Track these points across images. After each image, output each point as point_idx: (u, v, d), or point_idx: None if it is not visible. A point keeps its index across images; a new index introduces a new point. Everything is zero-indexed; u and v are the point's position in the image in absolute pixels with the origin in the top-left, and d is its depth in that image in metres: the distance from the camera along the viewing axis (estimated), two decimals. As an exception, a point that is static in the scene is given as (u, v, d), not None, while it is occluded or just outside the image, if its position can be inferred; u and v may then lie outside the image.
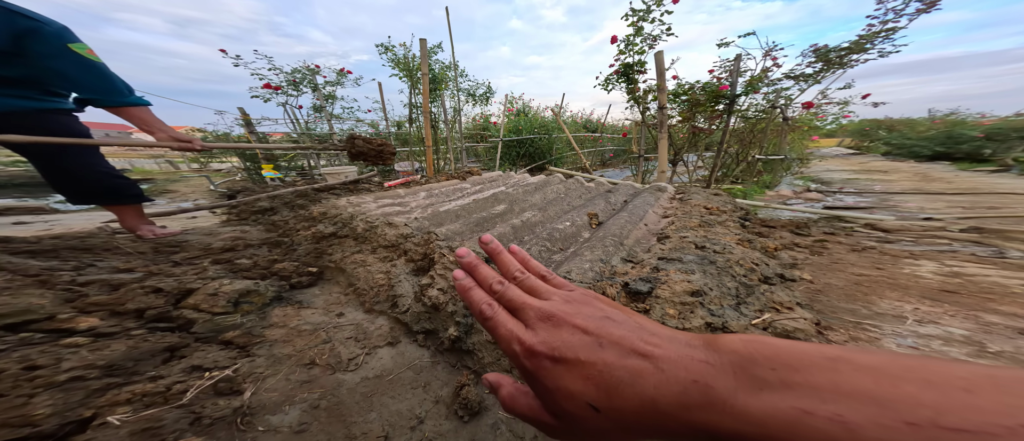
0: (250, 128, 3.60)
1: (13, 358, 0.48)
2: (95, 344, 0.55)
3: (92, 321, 0.60)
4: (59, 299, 0.63)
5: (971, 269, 0.92)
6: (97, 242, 1.10)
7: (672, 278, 0.62)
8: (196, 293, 0.73)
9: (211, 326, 0.69)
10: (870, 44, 2.42)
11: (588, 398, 0.17)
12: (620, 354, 0.17)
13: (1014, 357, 0.54)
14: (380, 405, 0.54)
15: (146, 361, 0.56)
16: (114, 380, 0.51)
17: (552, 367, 0.18)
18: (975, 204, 2.14)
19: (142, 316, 0.66)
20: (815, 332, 0.59)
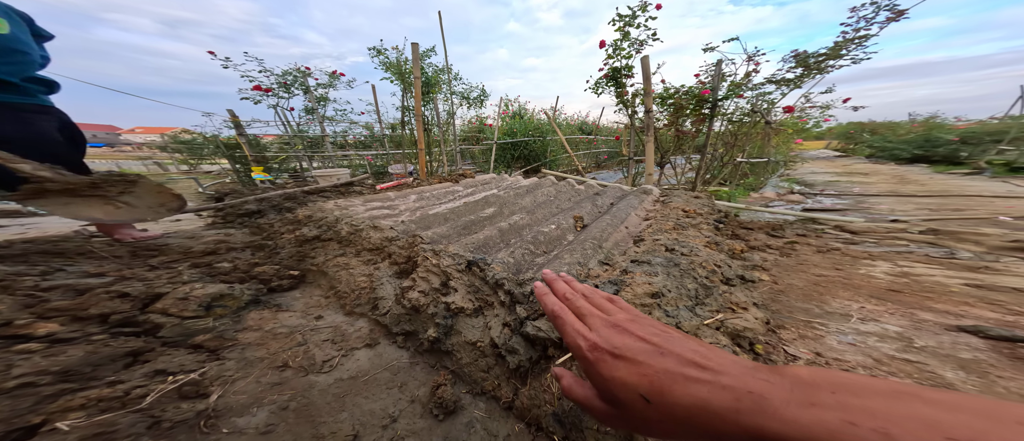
0: (240, 130, 3.57)
1: None
2: (50, 350, 0.54)
3: (51, 327, 0.58)
4: (17, 305, 0.62)
5: (920, 269, 0.99)
6: (71, 246, 1.06)
7: (636, 280, 0.67)
8: (165, 297, 0.72)
9: (180, 330, 0.68)
10: (845, 51, 2.53)
11: (641, 391, 0.21)
12: (678, 363, 0.21)
13: (935, 352, 0.60)
14: (352, 405, 0.55)
15: (105, 366, 0.55)
16: (68, 386, 0.50)
17: (612, 361, 0.22)
18: (942, 206, 2.25)
19: (106, 321, 0.65)
20: (764, 331, 0.65)
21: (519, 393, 0.62)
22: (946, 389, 0.17)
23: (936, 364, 0.57)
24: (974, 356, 0.58)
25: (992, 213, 1.82)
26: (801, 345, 0.66)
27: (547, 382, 0.59)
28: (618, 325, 0.25)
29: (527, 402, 0.59)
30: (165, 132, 7.21)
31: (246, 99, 3.77)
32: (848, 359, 0.61)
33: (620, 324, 0.25)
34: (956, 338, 0.63)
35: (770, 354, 0.62)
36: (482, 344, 0.69)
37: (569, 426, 0.55)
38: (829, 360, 0.61)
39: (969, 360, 0.57)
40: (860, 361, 0.60)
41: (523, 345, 0.63)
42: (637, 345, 0.23)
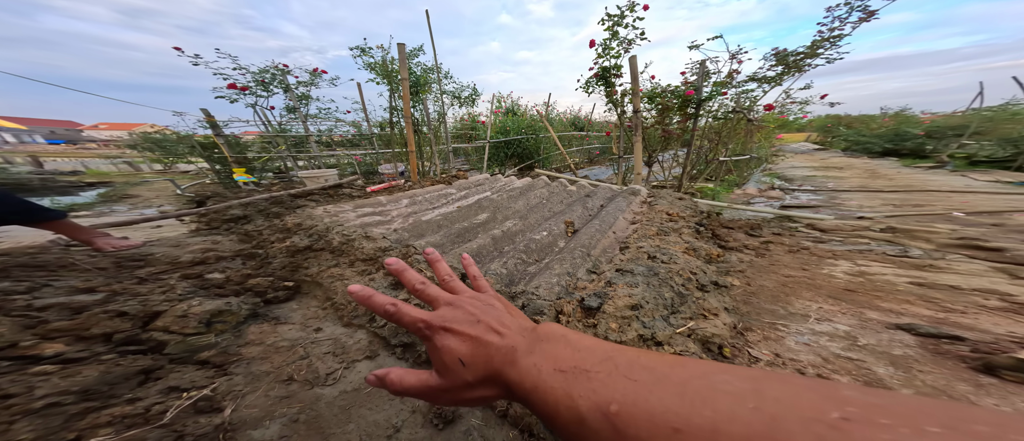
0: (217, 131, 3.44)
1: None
2: (66, 370, 0.56)
3: (57, 347, 0.60)
4: (18, 326, 0.63)
5: (875, 268, 1.09)
6: (50, 259, 1.03)
7: (618, 293, 0.73)
8: (164, 315, 0.73)
9: (184, 347, 0.70)
10: (821, 49, 2.64)
11: (459, 354, 0.25)
12: (485, 330, 0.26)
13: (874, 349, 0.69)
14: (358, 416, 0.58)
15: (121, 384, 0.57)
16: (91, 404, 0.52)
17: (444, 334, 0.26)
18: (905, 202, 2.42)
19: (110, 340, 0.66)
20: (731, 336, 0.72)
21: (513, 403, 0.67)
22: (629, 348, 0.22)
23: (872, 361, 0.65)
24: (904, 352, 0.66)
25: (947, 209, 1.97)
26: (764, 347, 0.73)
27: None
28: (454, 303, 0.29)
29: (520, 411, 0.65)
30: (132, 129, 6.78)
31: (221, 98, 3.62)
32: (801, 359, 0.69)
33: (457, 302, 0.29)
34: (892, 336, 0.72)
35: (736, 357, 0.69)
36: (477, 354, 0.73)
37: None
38: (786, 361, 0.68)
39: (899, 356, 0.66)
40: (811, 360, 0.68)
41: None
42: (464, 317, 0.27)
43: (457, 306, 0.28)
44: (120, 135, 33.89)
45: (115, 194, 3.51)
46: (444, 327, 0.26)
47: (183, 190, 3.56)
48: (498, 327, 0.26)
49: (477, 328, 0.26)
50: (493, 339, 0.25)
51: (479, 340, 0.25)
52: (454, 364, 0.25)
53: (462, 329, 0.26)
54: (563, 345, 0.23)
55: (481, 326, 0.26)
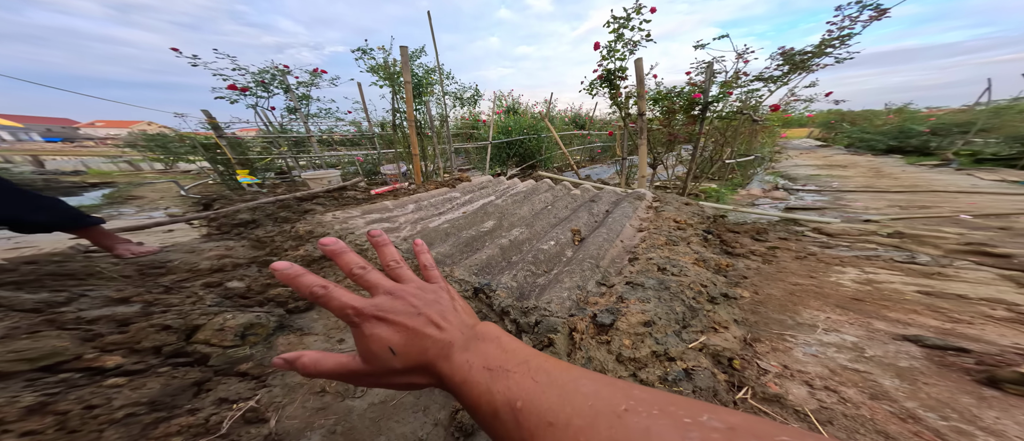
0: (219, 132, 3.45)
1: (70, 399, 0.53)
2: (133, 382, 0.60)
3: (116, 359, 0.65)
4: (77, 339, 0.67)
5: (882, 275, 1.10)
6: (77, 267, 1.07)
7: (630, 309, 0.74)
8: (203, 329, 0.78)
9: (225, 359, 0.74)
10: (829, 49, 2.62)
11: (391, 343, 0.26)
12: (425, 323, 0.26)
13: (880, 361, 0.70)
14: (387, 429, 0.62)
15: (180, 396, 0.62)
16: (160, 415, 0.57)
17: (375, 322, 0.26)
18: (911, 203, 2.41)
19: (160, 352, 0.71)
20: (741, 348, 0.73)
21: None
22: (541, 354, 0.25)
23: (878, 373, 0.67)
24: (910, 364, 0.68)
25: (954, 211, 1.97)
26: (772, 358, 0.75)
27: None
28: (395, 293, 0.28)
29: None
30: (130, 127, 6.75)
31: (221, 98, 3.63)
32: (809, 370, 0.70)
33: (398, 292, 0.28)
34: (899, 347, 0.73)
35: (745, 369, 0.71)
36: (493, 367, 0.75)
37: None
38: (794, 372, 0.70)
39: (905, 368, 0.67)
40: (818, 372, 0.69)
41: (531, 369, 0.70)
42: (403, 308, 0.27)
43: (398, 296, 0.28)
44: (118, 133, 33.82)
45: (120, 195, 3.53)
46: (376, 316, 0.26)
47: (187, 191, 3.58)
48: (439, 321, 0.27)
49: (416, 320, 0.26)
50: (432, 332, 0.26)
51: (416, 332, 0.26)
52: (383, 352, 0.26)
53: (398, 319, 0.26)
54: (495, 346, 0.25)
55: (421, 318, 0.27)
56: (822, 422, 0.56)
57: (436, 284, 0.32)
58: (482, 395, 0.22)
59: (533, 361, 0.24)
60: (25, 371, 0.58)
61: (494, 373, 0.23)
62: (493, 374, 0.23)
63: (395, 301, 0.28)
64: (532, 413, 0.20)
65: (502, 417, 0.21)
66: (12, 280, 0.95)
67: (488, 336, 0.27)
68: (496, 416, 0.21)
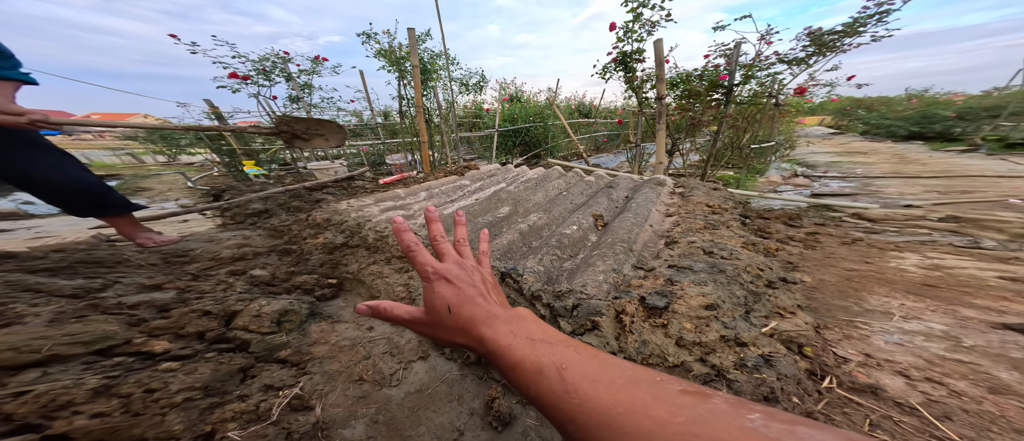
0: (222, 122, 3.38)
1: (131, 382, 0.52)
2: (186, 368, 0.59)
3: (164, 344, 0.64)
4: (124, 324, 0.66)
5: (950, 261, 1.00)
6: (104, 255, 1.08)
7: (687, 292, 0.66)
8: (241, 314, 0.77)
9: (264, 346, 0.73)
10: (863, 27, 2.45)
11: (449, 302, 0.32)
12: (477, 293, 0.33)
13: (985, 351, 0.61)
14: (426, 419, 0.59)
15: (229, 381, 0.61)
16: (213, 400, 0.56)
17: (442, 282, 0.33)
18: (949, 188, 2.28)
19: (203, 338, 0.69)
20: (814, 335, 0.65)
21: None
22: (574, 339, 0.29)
23: (989, 364, 0.58)
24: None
25: (1001, 195, 1.84)
26: (848, 346, 0.66)
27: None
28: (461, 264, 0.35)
29: None
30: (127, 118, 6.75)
31: (223, 87, 3.54)
32: (899, 360, 0.61)
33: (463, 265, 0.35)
34: (1003, 336, 0.64)
35: (819, 356, 0.63)
36: (530, 358, 0.68)
37: None
38: (880, 362, 0.61)
39: (1021, 360, 0.58)
40: (912, 363, 0.60)
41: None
42: (465, 277, 0.34)
43: (462, 267, 0.35)
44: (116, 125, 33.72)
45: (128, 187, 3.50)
46: (445, 277, 0.33)
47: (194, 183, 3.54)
48: (487, 294, 0.33)
49: (471, 289, 0.33)
50: (481, 301, 0.32)
51: (470, 298, 0.32)
52: (442, 308, 0.32)
53: (459, 284, 0.33)
54: (535, 325, 0.30)
55: (475, 289, 0.33)
56: (938, 417, 0.48)
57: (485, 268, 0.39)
58: (527, 357, 0.27)
59: (573, 342, 0.28)
60: (81, 355, 0.56)
61: (537, 343, 0.28)
62: (536, 344, 0.27)
63: (460, 270, 0.34)
64: (577, 373, 0.24)
65: (547, 374, 0.25)
66: (45, 267, 0.94)
67: (528, 317, 0.32)
68: (541, 373, 0.25)
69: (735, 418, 0.17)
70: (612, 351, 0.60)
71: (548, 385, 0.24)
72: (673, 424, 0.18)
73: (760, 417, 0.17)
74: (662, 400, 0.20)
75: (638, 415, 0.19)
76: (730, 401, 0.19)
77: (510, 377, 0.27)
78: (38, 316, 0.62)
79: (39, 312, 0.63)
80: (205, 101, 3.24)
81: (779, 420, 0.17)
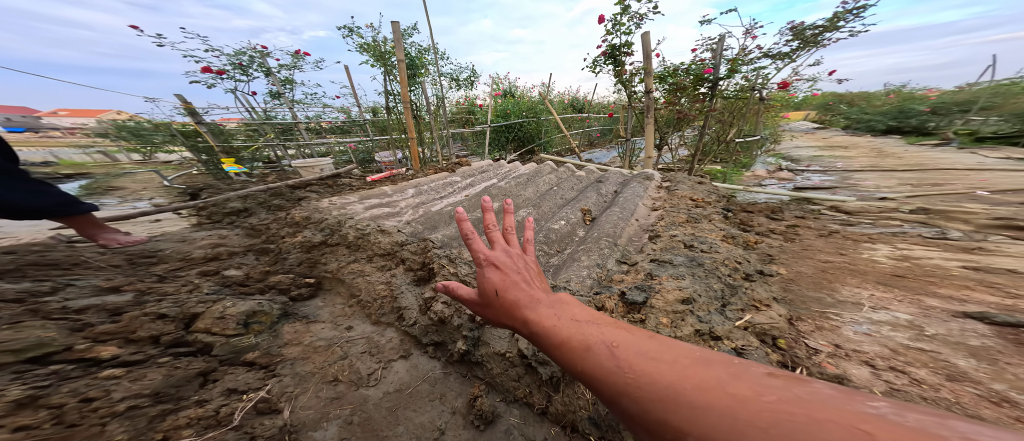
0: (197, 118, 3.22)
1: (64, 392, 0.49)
2: (132, 373, 0.56)
3: (112, 350, 0.60)
4: (65, 330, 0.62)
5: (918, 252, 1.04)
6: (60, 256, 1.00)
7: (665, 286, 0.66)
8: (203, 317, 0.72)
9: (229, 348, 0.69)
10: (842, 21, 2.49)
11: (496, 286, 0.35)
12: (521, 280, 0.36)
13: (946, 340, 0.64)
14: (405, 419, 0.58)
15: (185, 387, 0.58)
16: (166, 406, 0.53)
17: (492, 269, 0.36)
18: (921, 181, 2.37)
19: (158, 342, 0.66)
20: (787, 326, 0.66)
21: (552, 400, 0.62)
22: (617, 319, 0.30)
23: (948, 352, 0.61)
24: (982, 343, 0.61)
25: (969, 187, 1.93)
26: (820, 337, 0.68)
27: (581, 388, 0.60)
28: (508, 253, 0.39)
29: (561, 408, 0.60)
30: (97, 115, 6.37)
31: (196, 82, 3.38)
32: (866, 350, 0.64)
33: (511, 253, 0.39)
34: (963, 325, 0.67)
35: (792, 348, 0.64)
36: (511, 355, 0.67)
37: (605, 427, 0.56)
38: (849, 352, 0.63)
39: (978, 347, 0.61)
40: (878, 352, 0.63)
41: (556, 357, 0.63)
42: (511, 264, 0.37)
43: (509, 255, 0.38)
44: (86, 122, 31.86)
45: (99, 186, 3.33)
46: (494, 264, 0.37)
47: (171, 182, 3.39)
48: (530, 280, 0.36)
49: (516, 276, 0.36)
50: (524, 287, 0.35)
51: (515, 283, 0.35)
52: (490, 292, 0.36)
53: (506, 271, 0.36)
54: (579, 307, 0.32)
55: (519, 276, 0.36)
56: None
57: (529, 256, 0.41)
58: (573, 335, 0.28)
59: (623, 323, 0.29)
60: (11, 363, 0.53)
61: (582, 323, 0.28)
62: (581, 324, 0.28)
63: (507, 258, 0.38)
64: (630, 351, 0.24)
65: (595, 351, 0.26)
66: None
67: (571, 301, 0.33)
68: (588, 350, 0.26)
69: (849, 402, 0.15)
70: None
71: (596, 361, 0.25)
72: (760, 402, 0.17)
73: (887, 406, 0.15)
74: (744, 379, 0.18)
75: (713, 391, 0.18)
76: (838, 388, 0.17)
77: (556, 355, 0.28)
78: (-35, 323, 0.58)
79: (-33, 318, 0.59)
80: (176, 96, 3.08)
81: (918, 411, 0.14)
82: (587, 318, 0.29)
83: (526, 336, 0.32)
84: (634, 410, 0.21)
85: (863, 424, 0.14)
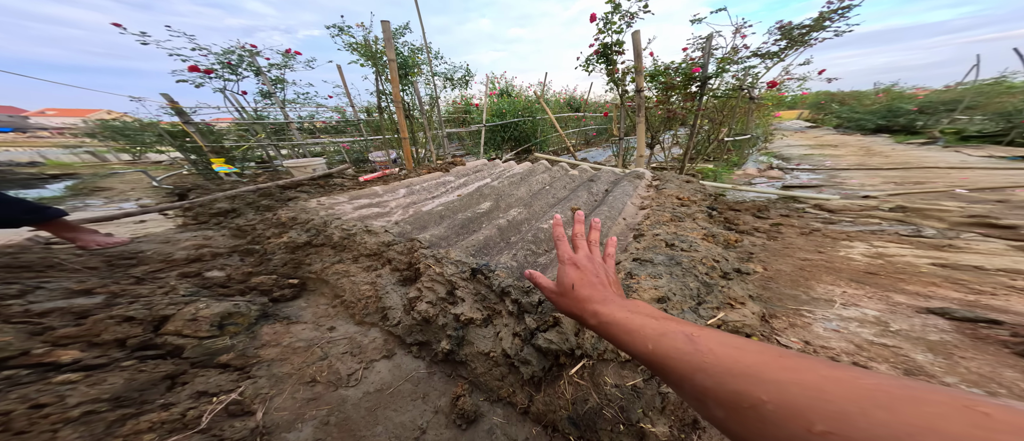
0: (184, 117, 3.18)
1: (12, 398, 0.48)
2: (91, 378, 0.55)
3: (73, 354, 0.59)
4: (24, 333, 0.61)
5: (892, 249, 1.07)
6: (34, 258, 0.99)
7: (643, 285, 0.68)
8: (173, 319, 0.71)
9: (202, 350, 0.68)
10: (828, 21, 2.53)
11: (573, 281, 0.42)
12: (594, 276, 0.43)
13: (908, 335, 0.66)
14: (384, 418, 0.58)
15: (150, 390, 0.57)
16: (127, 411, 0.52)
17: (572, 267, 0.44)
18: (905, 179, 2.42)
19: (124, 345, 0.65)
20: (759, 324, 0.68)
21: (534, 399, 0.64)
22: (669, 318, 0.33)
23: (908, 347, 0.63)
24: (941, 338, 0.64)
25: (949, 185, 1.98)
26: (792, 334, 0.71)
27: (561, 388, 0.61)
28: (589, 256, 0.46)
29: (542, 407, 0.61)
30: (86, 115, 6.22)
31: (183, 81, 3.33)
32: (833, 346, 0.66)
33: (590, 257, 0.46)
34: (925, 320, 0.70)
35: (765, 345, 0.66)
36: (495, 354, 0.69)
37: (583, 427, 0.58)
38: (817, 348, 0.66)
39: (936, 342, 0.64)
40: (844, 348, 0.65)
41: (536, 356, 0.64)
42: (589, 266, 0.44)
43: (591, 260, 0.46)
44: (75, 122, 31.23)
45: (85, 187, 3.27)
46: (574, 263, 0.45)
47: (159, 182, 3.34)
48: (606, 284, 0.42)
49: (594, 277, 0.42)
50: (599, 287, 0.41)
51: (590, 283, 0.41)
52: (567, 285, 0.42)
53: (584, 270, 0.43)
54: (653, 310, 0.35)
55: (598, 278, 0.42)
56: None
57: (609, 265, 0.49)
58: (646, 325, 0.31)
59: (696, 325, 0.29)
60: None
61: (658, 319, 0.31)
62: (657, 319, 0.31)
63: (587, 261, 0.45)
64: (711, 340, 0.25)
65: (671, 335, 0.28)
66: None
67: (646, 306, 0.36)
68: (664, 335, 0.28)
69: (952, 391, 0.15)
70: (570, 347, 0.62)
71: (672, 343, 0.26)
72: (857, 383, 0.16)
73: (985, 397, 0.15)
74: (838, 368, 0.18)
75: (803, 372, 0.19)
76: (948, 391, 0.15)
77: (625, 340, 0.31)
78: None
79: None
80: (162, 95, 3.03)
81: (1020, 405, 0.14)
82: (662, 317, 0.32)
83: (593, 327, 0.36)
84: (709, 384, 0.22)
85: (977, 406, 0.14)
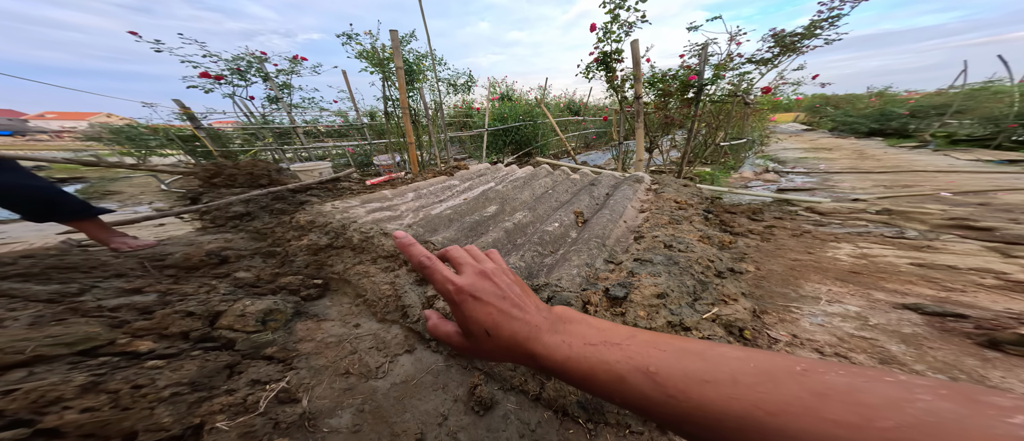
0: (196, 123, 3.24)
1: (118, 379, 0.55)
2: (172, 364, 0.62)
3: (148, 344, 0.66)
4: (106, 326, 0.68)
5: (876, 250, 1.14)
6: (77, 260, 1.05)
7: (643, 282, 0.75)
8: (226, 314, 0.79)
9: (250, 344, 0.75)
10: (819, 29, 2.63)
11: (486, 326, 0.28)
12: (510, 305, 0.29)
13: (884, 328, 0.73)
14: (411, 406, 0.64)
15: (216, 377, 0.64)
16: (201, 394, 0.59)
17: (472, 302, 0.28)
18: (895, 182, 2.51)
19: (188, 338, 0.72)
20: (751, 319, 0.75)
21: (545, 386, 0.70)
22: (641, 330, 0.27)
23: (884, 339, 0.70)
24: (913, 331, 0.71)
25: (935, 189, 2.06)
26: (781, 328, 0.77)
27: (569, 377, 0.68)
28: (484, 273, 0.30)
29: (553, 394, 0.68)
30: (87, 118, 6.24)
31: (194, 87, 3.40)
32: (818, 339, 0.72)
33: (486, 272, 0.30)
34: (901, 315, 0.76)
35: (756, 339, 0.73)
36: (507, 348, 0.75)
37: (591, 410, 0.64)
38: (803, 341, 0.72)
39: (909, 335, 0.70)
40: (827, 340, 0.72)
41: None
42: (491, 289, 0.29)
43: (486, 276, 0.30)
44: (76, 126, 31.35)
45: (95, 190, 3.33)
46: (473, 295, 0.28)
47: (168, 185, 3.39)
48: (521, 304, 0.29)
49: (503, 303, 0.28)
50: (517, 315, 0.28)
51: (506, 314, 0.28)
52: (479, 332, 0.28)
53: (490, 300, 0.28)
54: (585, 326, 0.27)
55: (507, 301, 0.29)
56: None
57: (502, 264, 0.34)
58: (596, 367, 0.24)
59: (641, 335, 0.25)
60: (65, 355, 0.59)
61: (600, 347, 0.24)
62: (599, 348, 0.24)
63: (485, 281, 0.30)
64: (674, 375, 0.21)
65: (631, 381, 0.22)
66: (16, 273, 0.93)
67: (574, 318, 0.29)
68: (623, 381, 0.22)
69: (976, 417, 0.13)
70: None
71: (639, 391, 0.21)
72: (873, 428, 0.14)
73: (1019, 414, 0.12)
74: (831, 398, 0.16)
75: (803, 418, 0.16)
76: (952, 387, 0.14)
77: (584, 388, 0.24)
78: (17, 320, 0.64)
79: (17, 316, 0.65)
80: (174, 101, 3.10)
81: None
82: (601, 339, 0.25)
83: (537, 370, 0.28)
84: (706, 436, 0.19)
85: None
